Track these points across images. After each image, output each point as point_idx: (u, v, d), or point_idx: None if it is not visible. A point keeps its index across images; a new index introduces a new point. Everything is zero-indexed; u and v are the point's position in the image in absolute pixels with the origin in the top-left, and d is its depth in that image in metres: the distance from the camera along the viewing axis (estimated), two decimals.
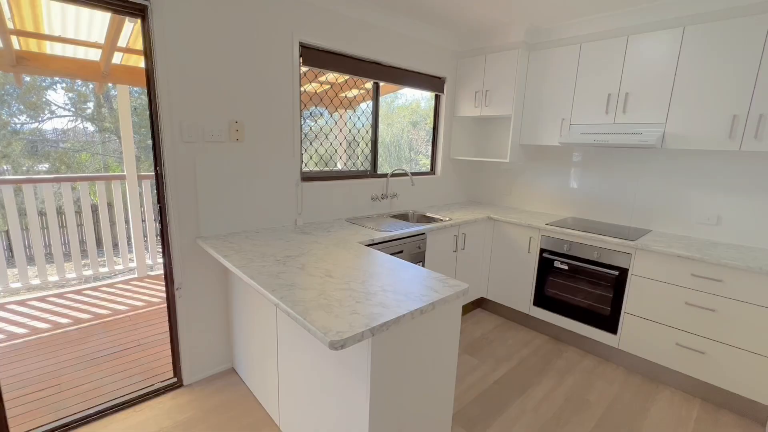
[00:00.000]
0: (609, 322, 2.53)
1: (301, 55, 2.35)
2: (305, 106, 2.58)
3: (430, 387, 1.47)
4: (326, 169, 2.80)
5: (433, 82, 3.27)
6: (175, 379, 2.20)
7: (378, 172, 3.08)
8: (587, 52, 2.69)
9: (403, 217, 3.08)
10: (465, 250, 2.95)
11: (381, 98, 2.95)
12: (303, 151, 2.55)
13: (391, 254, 2.34)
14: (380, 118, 3.00)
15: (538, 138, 3.04)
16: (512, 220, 2.96)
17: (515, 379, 2.36)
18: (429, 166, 3.59)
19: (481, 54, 3.19)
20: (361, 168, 2.99)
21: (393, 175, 3.10)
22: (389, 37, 2.82)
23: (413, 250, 2.50)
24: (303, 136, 2.52)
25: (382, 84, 2.94)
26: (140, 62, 3.22)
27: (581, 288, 2.65)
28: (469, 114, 3.34)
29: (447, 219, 2.86)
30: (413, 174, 3.19)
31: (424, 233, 2.55)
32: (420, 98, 3.26)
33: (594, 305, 2.59)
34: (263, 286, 1.42)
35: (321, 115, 2.78)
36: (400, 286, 1.46)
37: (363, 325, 1.14)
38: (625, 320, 2.45)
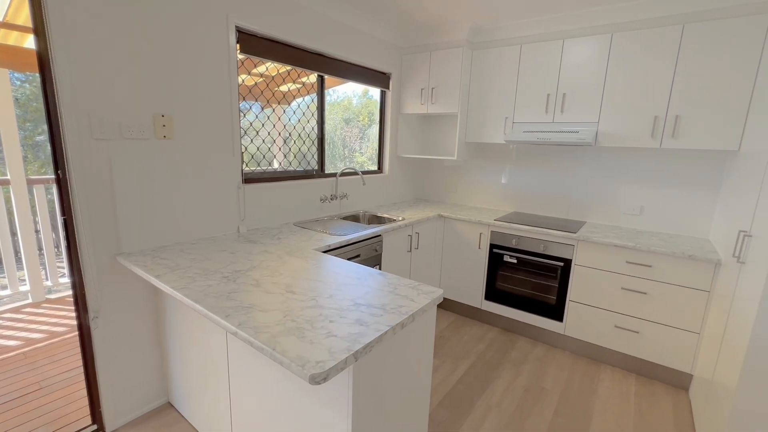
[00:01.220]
0: (555, 310, 2.67)
1: (238, 42, 2.08)
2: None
3: (408, 401, 1.37)
4: (263, 168, 2.54)
5: (378, 78, 3.16)
6: (95, 427, 1.83)
7: (326, 172, 2.89)
8: (527, 53, 2.80)
9: (354, 218, 2.95)
10: (419, 249, 2.91)
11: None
12: (243, 150, 2.28)
13: (349, 259, 2.20)
14: (324, 114, 2.82)
15: (484, 136, 3.11)
16: (462, 217, 2.99)
17: (476, 376, 2.37)
18: (376, 165, 3.49)
19: (426, 51, 3.16)
20: (301, 167, 2.78)
21: (342, 174, 2.94)
22: (335, 29, 2.65)
23: (370, 254, 2.39)
24: (243, 132, 2.26)
25: (327, 77, 2.76)
26: (23, 41, 2.63)
27: (529, 280, 2.76)
28: (416, 111, 3.31)
29: (400, 219, 2.79)
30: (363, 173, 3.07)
31: (380, 235, 2.45)
32: (352, 95, 3.15)
33: (541, 295, 2.72)
34: (214, 311, 1.20)
35: (249, 108, 2.49)
36: (372, 298, 1.34)
37: (344, 349, 1.00)
38: (569, 308, 2.61)
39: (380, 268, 2.50)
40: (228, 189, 2.14)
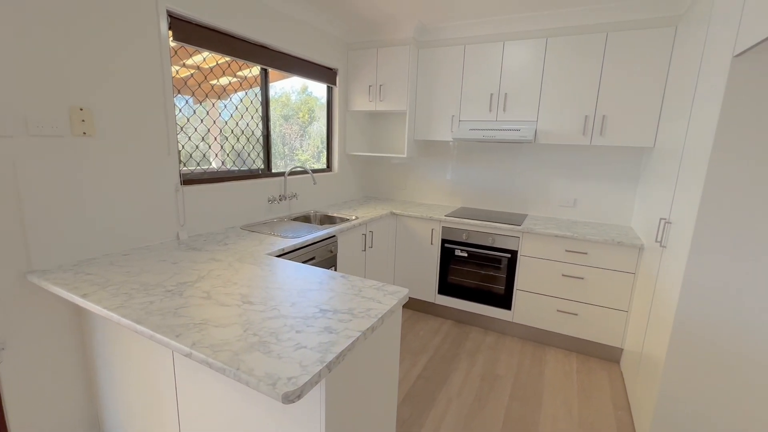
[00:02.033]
0: (504, 299, 2.82)
1: (170, 28, 1.87)
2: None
3: (377, 404, 1.34)
4: (203, 168, 2.34)
5: (325, 73, 3.07)
6: None
7: (273, 171, 2.74)
8: (471, 53, 2.89)
9: (306, 219, 2.83)
10: (373, 248, 2.88)
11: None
12: (180, 148, 2.07)
13: (304, 262, 2.10)
14: (269, 110, 2.66)
15: (432, 134, 3.16)
16: (414, 214, 3.02)
17: (435, 369, 2.41)
18: (321, 163, 3.39)
19: (372, 47, 3.13)
20: (246, 166, 2.61)
21: (291, 173, 2.81)
22: (281, 20, 2.51)
23: (325, 255, 2.31)
24: (179, 129, 2.05)
25: (271, 71, 2.61)
26: None
27: (479, 272, 2.88)
28: (364, 108, 3.27)
29: (353, 218, 2.74)
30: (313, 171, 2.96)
31: (334, 236, 2.38)
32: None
33: (491, 286, 2.85)
34: (161, 331, 1.06)
35: (186, 102, 2.27)
36: (338, 303, 1.28)
37: (317, 361, 0.94)
38: (517, 296, 2.76)
39: (336, 269, 2.43)
40: (164, 191, 1.93)
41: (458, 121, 3.02)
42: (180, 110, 2.06)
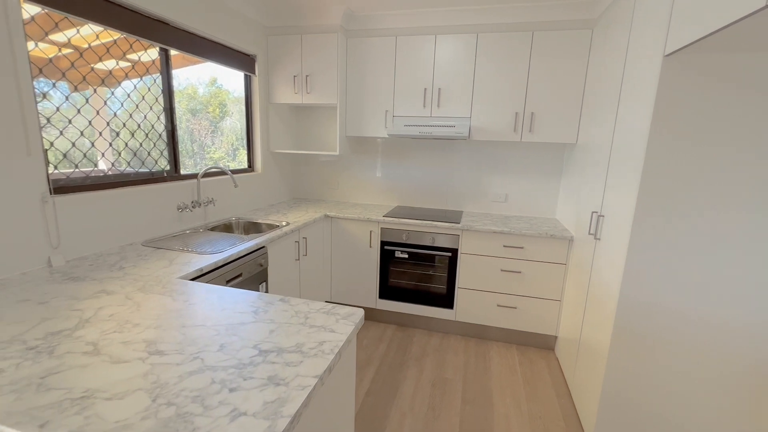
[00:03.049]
0: (446, 299, 2.77)
1: None
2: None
3: None
4: (85, 171, 1.85)
5: (241, 60, 2.69)
6: None
7: (182, 173, 2.30)
8: (403, 45, 2.77)
9: (227, 228, 2.45)
10: (307, 255, 2.61)
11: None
12: (48, 146, 1.58)
13: (228, 282, 1.77)
14: (174, 100, 2.22)
15: (365, 129, 2.98)
16: (350, 215, 2.82)
17: (383, 382, 2.26)
18: (243, 162, 3.00)
19: (296, 33, 2.83)
20: (146, 168, 2.16)
21: (206, 175, 2.39)
22: None
23: (254, 270, 1.99)
24: (45, 121, 1.56)
25: (173, 55, 2.17)
26: None
27: (421, 273, 2.79)
28: (289, 101, 2.95)
29: (284, 224, 2.44)
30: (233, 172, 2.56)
31: (264, 246, 2.06)
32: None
33: (433, 286, 2.79)
34: (13, 422, 0.71)
35: (53, 86, 1.76)
36: (282, 338, 1.03)
37: (266, 430, 0.69)
38: (458, 294, 2.74)
39: (267, 285, 2.12)
40: (24, 204, 1.44)
41: (392, 116, 2.89)
42: (44, 97, 1.56)
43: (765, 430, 1.52)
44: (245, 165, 2.98)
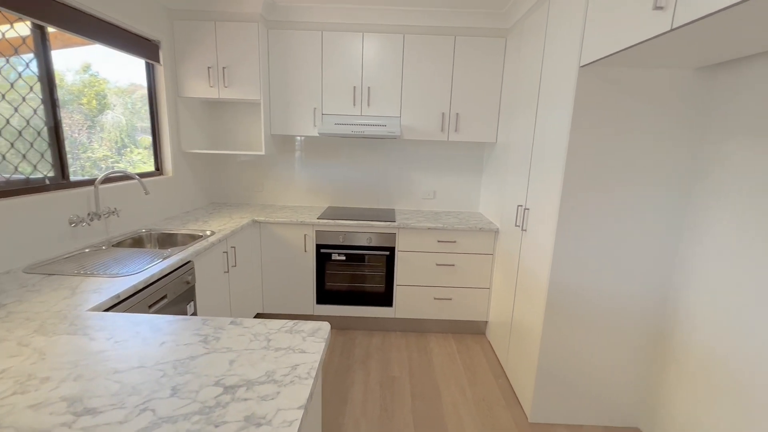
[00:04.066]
0: (385, 297, 2.79)
1: None
2: None
3: None
4: None
5: (142, 45, 2.31)
6: None
7: (73, 179, 1.89)
8: (330, 41, 2.67)
9: (137, 242, 2.09)
10: (237, 266, 2.38)
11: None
12: None
13: (151, 306, 1.51)
14: (55, 89, 1.81)
15: (292, 128, 2.82)
16: (281, 219, 2.65)
17: (333, 391, 2.18)
18: (153, 164, 2.60)
19: (208, 19, 2.53)
20: (21, 174, 1.73)
21: (106, 180, 2.00)
22: None
23: (180, 289, 1.73)
24: None
25: (51, 32, 1.76)
26: None
27: (359, 273, 2.76)
28: (204, 95, 2.64)
29: (208, 233, 2.18)
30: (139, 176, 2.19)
31: (190, 261, 1.81)
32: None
33: (372, 286, 2.78)
34: None
35: None
36: (246, 368, 0.91)
37: None
38: (397, 292, 2.77)
39: (195, 305, 1.87)
40: None
41: (321, 114, 2.78)
42: None
43: (661, 385, 1.84)
44: (151, 167, 2.58)
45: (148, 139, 2.56)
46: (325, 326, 1.12)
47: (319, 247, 2.70)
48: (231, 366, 0.91)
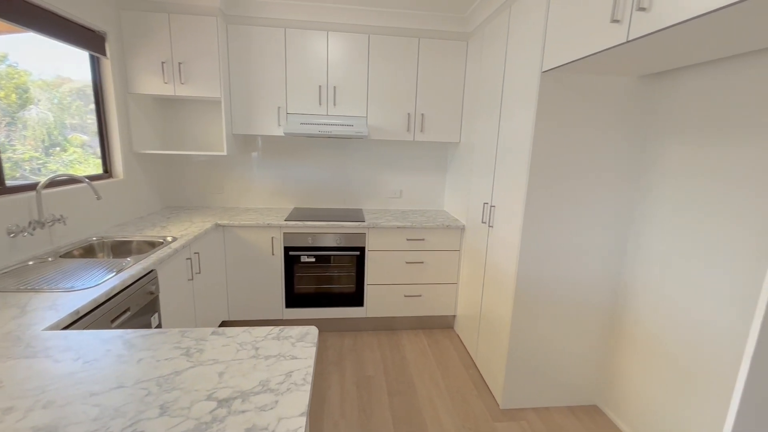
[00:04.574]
0: (356, 297, 2.79)
1: None
2: None
3: None
4: None
5: (84, 36, 2.12)
6: None
7: (10, 184, 1.69)
8: (293, 39, 2.61)
9: (88, 251, 1.92)
10: (201, 273, 2.26)
11: None
12: None
13: (113, 321, 1.40)
14: None
15: (255, 127, 2.72)
16: (246, 222, 2.55)
17: None
18: (101, 167, 2.39)
19: (161, 11, 2.37)
20: None
21: (50, 185, 1.81)
22: None
23: (144, 301, 1.62)
24: None
25: None
26: None
27: (329, 275, 2.73)
28: (158, 92, 2.47)
29: (169, 239, 2.05)
30: (88, 179, 2.00)
31: (153, 270, 1.69)
32: None
33: (342, 287, 2.76)
34: None
35: None
36: (238, 379, 0.88)
37: None
38: (368, 291, 2.78)
39: (159, 316, 1.76)
40: None
41: (286, 113, 2.71)
42: None
43: (615, 364, 2.02)
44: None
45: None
46: (313, 330, 1.11)
47: (287, 249, 2.64)
48: (221, 378, 0.88)
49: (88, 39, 2.15)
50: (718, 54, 1.34)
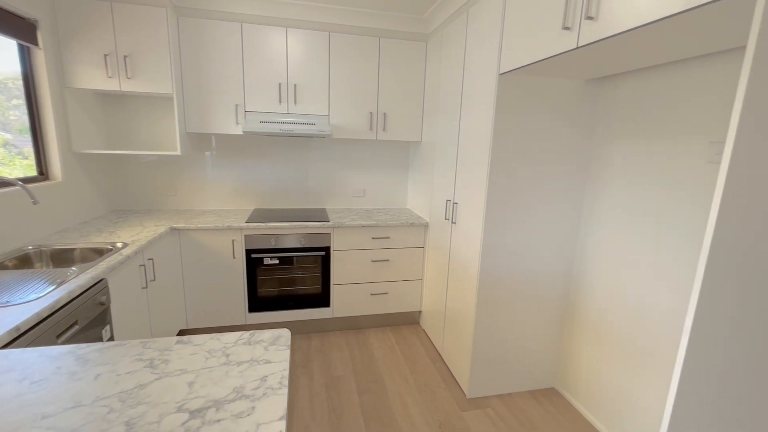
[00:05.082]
0: (322, 298, 2.76)
1: None
2: None
3: None
4: None
5: (11, 23, 1.91)
6: None
7: None
8: (250, 34, 2.52)
9: (24, 262, 1.73)
10: (156, 280, 2.12)
11: None
12: None
13: (60, 336, 1.29)
14: None
15: (211, 125, 2.60)
16: (204, 225, 2.44)
17: None
18: (35, 167, 2.17)
19: None
20: None
21: None
22: None
23: (93, 313, 1.49)
24: None
25: None
26: None
27: (294, 276, 2.68)
28: (99, 87, 2.28)
29: (119, 245, 1.91)
30: (21, 182, 1.80)
31: (103, 279, 1.57)
32: None
33: (308, 288, 2.72)
34: None
35: None
36: (210, 388, 0.84)
37: None
38: (334, 291, 2.76)
39: (111, 329, 1.63)
40: None
41: (244, 111, 2.62)
42: None
43: (569, 348, 2.17)
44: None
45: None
46: (286, 333, 1.09)
47: (249, 252, 2.55)
48: (191, 388, 0.84)
49: (16, 26, 1.94)
50: (654, 61, 1.48)
